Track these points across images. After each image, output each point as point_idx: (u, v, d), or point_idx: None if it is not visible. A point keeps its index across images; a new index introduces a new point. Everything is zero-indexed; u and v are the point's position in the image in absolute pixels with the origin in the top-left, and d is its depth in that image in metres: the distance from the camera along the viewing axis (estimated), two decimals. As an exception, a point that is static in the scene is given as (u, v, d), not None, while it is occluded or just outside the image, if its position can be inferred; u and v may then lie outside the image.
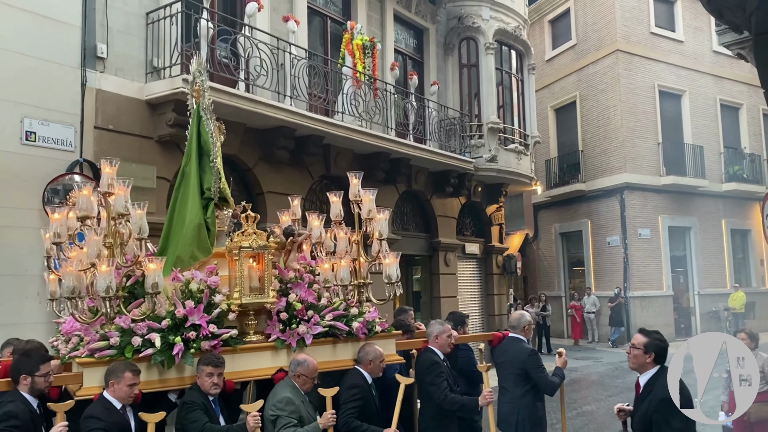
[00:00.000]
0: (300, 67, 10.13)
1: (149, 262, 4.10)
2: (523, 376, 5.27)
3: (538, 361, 5.33)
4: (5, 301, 7.05)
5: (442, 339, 5.26)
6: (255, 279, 4.55)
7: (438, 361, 5.15)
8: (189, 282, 4.42)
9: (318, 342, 4.68)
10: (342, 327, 4.73)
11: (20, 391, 3.88)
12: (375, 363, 4.75)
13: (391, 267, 4.85)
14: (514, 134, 15.64)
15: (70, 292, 4.17)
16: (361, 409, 4.55)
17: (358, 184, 5.07)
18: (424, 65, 14.72)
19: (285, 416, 4.11)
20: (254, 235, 4.57)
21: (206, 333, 4.20)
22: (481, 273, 16.21)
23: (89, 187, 4.41)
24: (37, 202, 7.36)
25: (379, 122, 11.80)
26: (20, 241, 7.22)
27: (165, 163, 8.72)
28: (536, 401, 5.32)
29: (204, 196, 4.92)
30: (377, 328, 4.95)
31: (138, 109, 8.52)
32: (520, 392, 5.28)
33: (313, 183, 11.31)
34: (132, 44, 8.58)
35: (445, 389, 5.03)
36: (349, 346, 4.88)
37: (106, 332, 4.10)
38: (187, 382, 4.20)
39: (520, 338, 5.51)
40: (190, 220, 4.82)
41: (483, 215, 16.35)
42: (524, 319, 5.61)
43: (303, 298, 4.72)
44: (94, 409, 3.78)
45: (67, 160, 7.73)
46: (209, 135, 4.98)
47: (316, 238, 5.26)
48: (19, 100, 7.37)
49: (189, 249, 4.75)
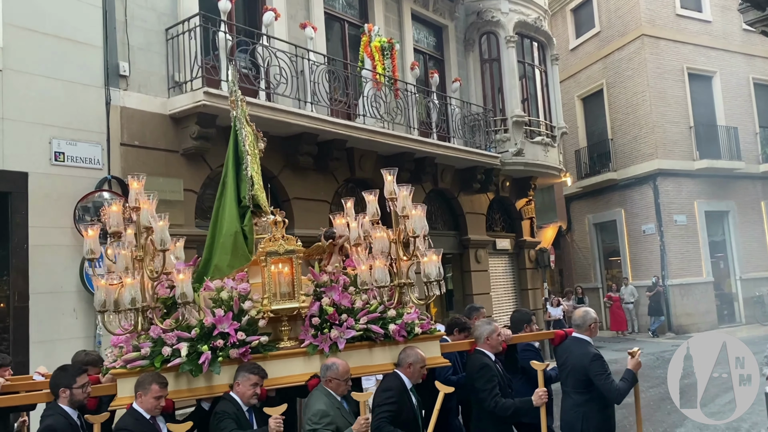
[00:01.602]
0: (320, 73, 10.19)
1: (178, 272, 4.17)
2: (586, 382, 4.77)
3: (602, 367, 4.74)
4: (43, 319, 7.23)
5: (493, 339, 4.92)
6: (285, 284, 4.48)
7: (488, 363, 4.82)
8: (220, 290, 4.45)
9: (353, 347, 4.54)
10: (377, 330, 4.57)
11: (60, 404, 4.01)
12: (415, 367, 4.50)
13: (430, 265, 4.63)
14: (540, 126, 15.47)
15: (101, 305, 4.26)
16: (395, 414, 4.33)
17: (393, 181, 4.87)
18: (445, 63, 14.66)
19: (322, 428, 4.06)
20: (281, 241, 4.54)
21: (234, 341, 4.19)
22: (513, 268, 16.07)
23: (119, 203, 4.48)
24: (68, 220, 7.54)
25: (402, 122, 11.79)
26: (54, 259, 7.41)
27: (191, 176, 8.86)
28: (604, 408, 4.80)
29: (241, 205, 4.96)
30: (417, 329, 4.70)
31: (162, 123, 8.67)
32: (583, 399, 4.79)
33: (338, 187, 11.35)
34: (153, 60, 8.74)
35: (496, 395, 4.69)
36: (388, 350, 4.67)
37: (139, 343, 4.19)
38: (216, 390, 4.21)
39: (584, 339, 4.95)
40: (227, 229, 4.86)
41: (513, 210, 16.21)
42: (589, 317, 5.01)
43: (337, 301, 4.61)
44: (123, 421, 3.88)
45: (95, 177, 7.90)
46: (242, 143, 5.01)
47: (354, 240, 5.05)
48: (47, 122, 7.56)
49: (227, 258, 4.79)
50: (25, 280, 7.18)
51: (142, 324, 4.23)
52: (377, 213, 4.96)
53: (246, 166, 4.94)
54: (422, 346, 4.67)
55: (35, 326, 7.16)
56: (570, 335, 5.09)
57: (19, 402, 4.32)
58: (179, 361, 4.08)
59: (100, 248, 4.41)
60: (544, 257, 16.57)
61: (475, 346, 5.01)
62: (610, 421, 4.87)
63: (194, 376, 4.12)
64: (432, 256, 4.69)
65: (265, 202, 5.17)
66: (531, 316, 5.76)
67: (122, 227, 4.48)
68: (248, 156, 5.00)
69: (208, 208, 9.14)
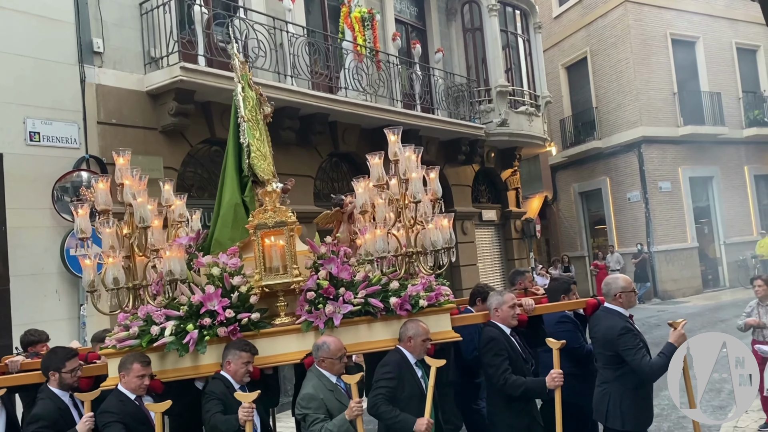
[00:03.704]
0: (299, 46, 10.02)
1: (165, 249, 4.09)
2: (614, 357, 4.22)
3: (631, 341, 4.14)
4: (25, 301, 7.16)
5: (503, 311, 4.46)
6: (277, 258, 4.24)
7: (496, 337, 4.38)
8: (212, 266, 4.28)
9: (352, 322, 4.23)
10: (377, 304, 4.22)
11: (50, 387, 4.03)
12: (416, 341, 4.13)
13: (435, 232, 4.22)
14: (524, 96, 15.39)
15: (90, 285, 4.19)
16: (393, 390, 4.03)
17: (397, 142, 4.49)
18: (427, 33, 14.48)
19: (311, 413, 3.88)
20: (271, 212, 4.27)
21: (222, 319, 4.04)
22: (500, 239, 16.12)
23: (105, 181, 4.35)
24: (47, 201, 7.42)
25: (385, 95, 11.66)
26: (34, 241, 7.31)
27: (171, 153, 8.74)
28: (636, 387, 4.19)
29: (243, 175, 4.74)
30: (422, 302, 4.29)
31: (139, 100, 8.51)
32: (611, 375, 4.26)
33: (322, 162, 11.27)
34: (128, 36, 8.55)
35: (504, 371, 4.26)
36: (390, 325, 4.30)
37: (129, 323, 4.12)
38: (202, 371, 4.10)
39: (614, 310, 4.36)
40: (228, 201, 4.69)
41: (498, 181, 16.20)
42: (616, 285, 4.39)
43: (336, 274, 4.29)
44: (108, 403, 3.84)
45: (73, 157, 7.77)
46: (243, 109, 4.73)
47: (360, 207, 4.57)
48: (21, 102, 7.40)
49: (227, 231, 4.61)
50: (4, 263, 7.09)
51: (134, 303, 4.17)
52: (383, 177, 4.51)
53: (243, 133, 4.67)
54: (429, 319, 4.31)
55: (17, 309, 7.09)
56: (602, 305, 4.55)
57: (13, 382, 4.34)
58: (165, 340, 3.98)
59: (90, 227, 4.29)
60: (530, 227, 16.61)
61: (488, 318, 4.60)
62: (643, 403, 4.25)
63: (180, 356, 4.02)
64: (442, 221, 4.32)
65: (268, 171, 4.83)
66: (570, 285, 5.13)
67: (110, 205, 4.33)
68: (244, 123, 4.72)
69: (189, 185, 9.05)
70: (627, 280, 4.48)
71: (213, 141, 9.51)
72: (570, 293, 5.03)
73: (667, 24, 19.66)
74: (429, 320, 4.29)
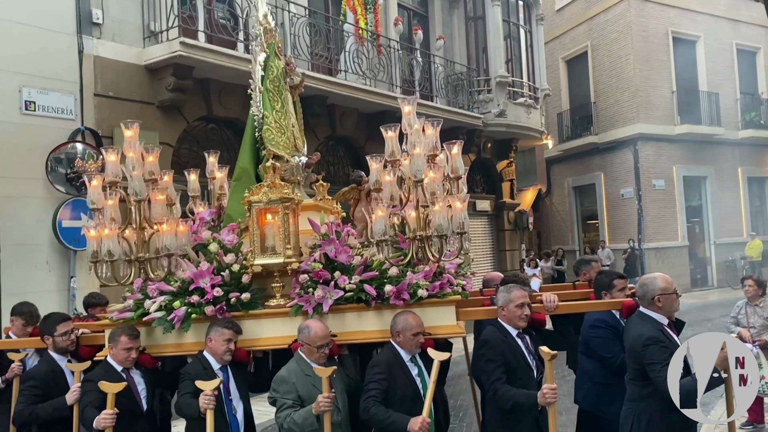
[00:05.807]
0: (300, 26, 9.94)
1: (161, 223, 4.05)
2: (641, 371, 3.57)
3: (657, 354, 3.46)
4: (15, 271, 7.11)
5: (509, 311, 3.88)
6: (271, 237, 4.00)
7: (491, 340, 3.83)
8: (209, 242, 4.16)
9: (343, 309, 3.91)
10: (370, 291, 3.85)
11: (49, 351, 4.18)
12: (405, 335, 3.73)
13: (439, 215, 3.78)
14: (523, 88, 15.36)
15: (93, 256, 4.11)
16: (384, 391, 3.66)
17: (412, 112, 4.07)
18: (429, 19, 14.40)
19: (279, 398, 3.65)
20: (265, 188, 4.03)
21: (209, 297, 3.91)
22: (492, 230, 16.14)
23: (116, 153, 4.28)
24: (40, 171, 7.36)
25: (384, 80, 11.61)
26: (26, 211, 7.26)
27: (167, 129, 8.67)
28: (667, 411, 3.43)
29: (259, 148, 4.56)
30: (421, 292, 3.83)
31: (137, 74, 8.43)
32: (638, 392, 3.63)
33: (319, 144, 11.20)
34: (128, 8, 8.45)
35: (495, 380, 3.71)
36: (383, 315, 3.92)
37: (127, 296, 4.11)
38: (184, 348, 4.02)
39: (648, 316, 3.70)
40: (237, 174, 4.53)
41: (493, 171, 16.20)
42: (651, 287, 3.68)
43: (333, 256, 3.98)
44: (93, 373, 3.84)
45: (68, 128, 7.69)
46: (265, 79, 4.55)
47: (373, 184, 4.07)
48: (17, 70, 7.31)
49: (237, 205, 4.40)
50: (-5, 231, 7.04)
51: (136, 275, 4.14)
52: (397, 152, 4.07)
53: (258, 102, 4.52)
54: (430, 312, 3.90)
55: (7, 279, 7.05)
56: (638, 308, 3.86)
57: (14, 346, 4.53)
58: (153, 315, 3.92)
59: (102, 199, 4.16)
60: (522, 219, 16.65)
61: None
62: (672, 428, 3.52)
63: (165, 332, 3.92)
64: (455, 202, 3.84)
65: (287, 145, 4.60)
66: (613, 280, 4.39)
67: (119, 176, 4.22)
68: (259, 92, 4.57)
69: (185, 162, 9.00)
70: (667, 279, 3.74)
71: (210, 118, 9.44)
72: (613, 289, 4.32)
73: (669, 22, 19.64)
74: (429, 312, 3.89)
